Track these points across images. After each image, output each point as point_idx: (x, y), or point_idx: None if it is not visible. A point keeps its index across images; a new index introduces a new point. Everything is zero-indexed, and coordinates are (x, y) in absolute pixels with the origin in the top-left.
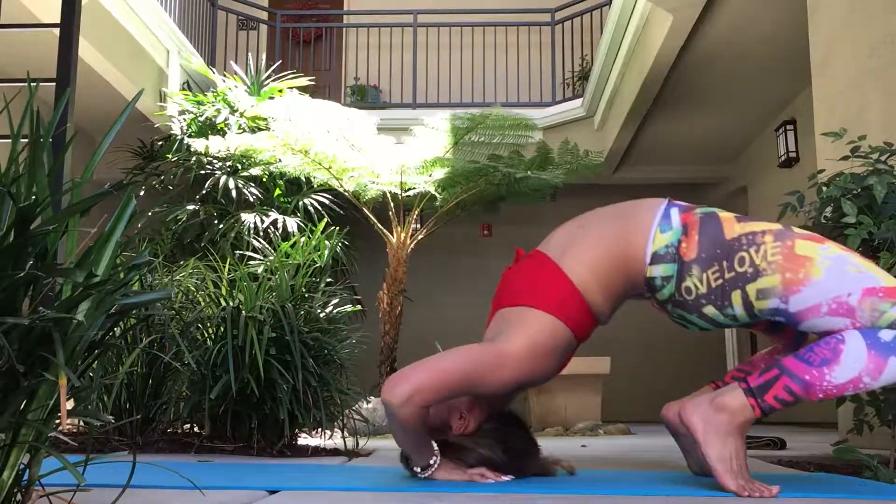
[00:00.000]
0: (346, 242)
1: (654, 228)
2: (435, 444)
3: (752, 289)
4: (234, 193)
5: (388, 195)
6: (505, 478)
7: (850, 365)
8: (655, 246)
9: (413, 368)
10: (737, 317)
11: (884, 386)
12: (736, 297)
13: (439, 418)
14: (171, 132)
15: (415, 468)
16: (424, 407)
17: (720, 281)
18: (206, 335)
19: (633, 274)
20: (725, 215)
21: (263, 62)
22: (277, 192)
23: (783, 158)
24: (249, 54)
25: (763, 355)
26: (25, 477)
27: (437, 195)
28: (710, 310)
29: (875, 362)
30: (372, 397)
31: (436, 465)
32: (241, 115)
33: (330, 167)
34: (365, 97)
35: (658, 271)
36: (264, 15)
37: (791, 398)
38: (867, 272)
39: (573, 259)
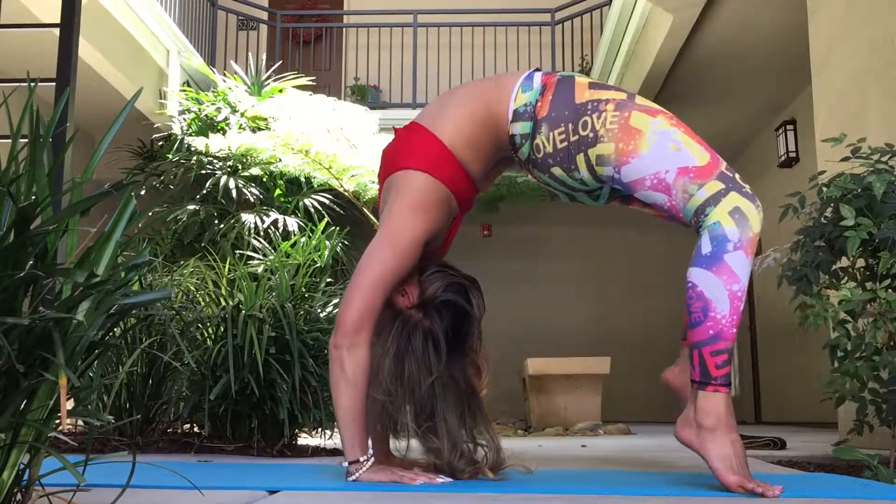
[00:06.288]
0: (346, 242)
1: (517, 88)
2: (370, 448)
3: (592, 154)
4: (234, 193)
5: None
6: (439, 479)
7: (717, 292)
8: (517, 104)
9: (345, 306)
10: (584, 181)
11: (749, 273)
12: (580, 160)
13: (389, 311)
14: (172, 132)
15: (343, 463)
16: (370, 334)
17: (565, 143)
18: (206, 335)
19: (499, 132)
20: (581, 80)
21: (263, 62)
22: (277, 192)
23: (783, 158)
24: (249, 54)
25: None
26: (25, 477)
27: None
28: (557, 171)
29: (724, 272)
30: None
31: (367, 465)
32: (242, 114)
33: (330, 167)
34: (365, 97)
35: (517, 128)
36: (264, 15)
37: (723, 355)
38: (684, 150)
39: (442, 120)
